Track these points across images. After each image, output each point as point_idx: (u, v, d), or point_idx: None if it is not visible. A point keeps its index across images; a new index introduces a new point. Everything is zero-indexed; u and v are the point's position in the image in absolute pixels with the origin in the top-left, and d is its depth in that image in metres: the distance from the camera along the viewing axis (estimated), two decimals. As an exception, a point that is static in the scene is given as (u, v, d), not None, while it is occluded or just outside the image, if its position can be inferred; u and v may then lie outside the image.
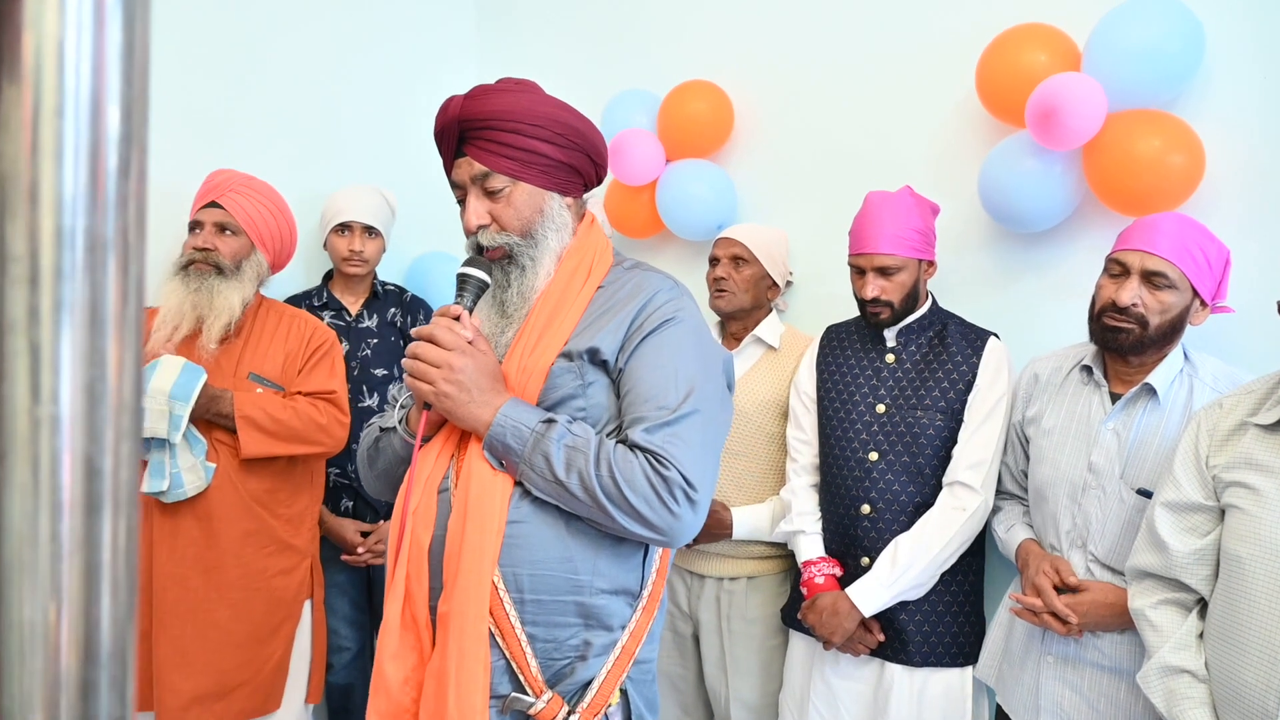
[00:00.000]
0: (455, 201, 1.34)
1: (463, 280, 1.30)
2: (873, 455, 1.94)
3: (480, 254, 1.32)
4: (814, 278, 2.43)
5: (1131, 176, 1.78)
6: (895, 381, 1.96)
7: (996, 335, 1.96)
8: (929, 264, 1.97)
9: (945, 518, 1.85)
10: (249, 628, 2.03)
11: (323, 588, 2.26)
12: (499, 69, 2.24)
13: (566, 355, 1.27)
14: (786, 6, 2.50)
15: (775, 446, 2.19)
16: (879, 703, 1.92)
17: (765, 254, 2.21)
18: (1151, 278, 1.59)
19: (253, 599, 2.04)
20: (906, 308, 1.95)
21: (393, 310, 2.60)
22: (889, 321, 1.95)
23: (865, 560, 1.92)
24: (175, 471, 1.93)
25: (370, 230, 2.51)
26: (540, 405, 1.27)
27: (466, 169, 1.29)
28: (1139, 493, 1.61)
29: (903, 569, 1.83)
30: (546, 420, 1.22)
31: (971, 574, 1.95)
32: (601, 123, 2.66)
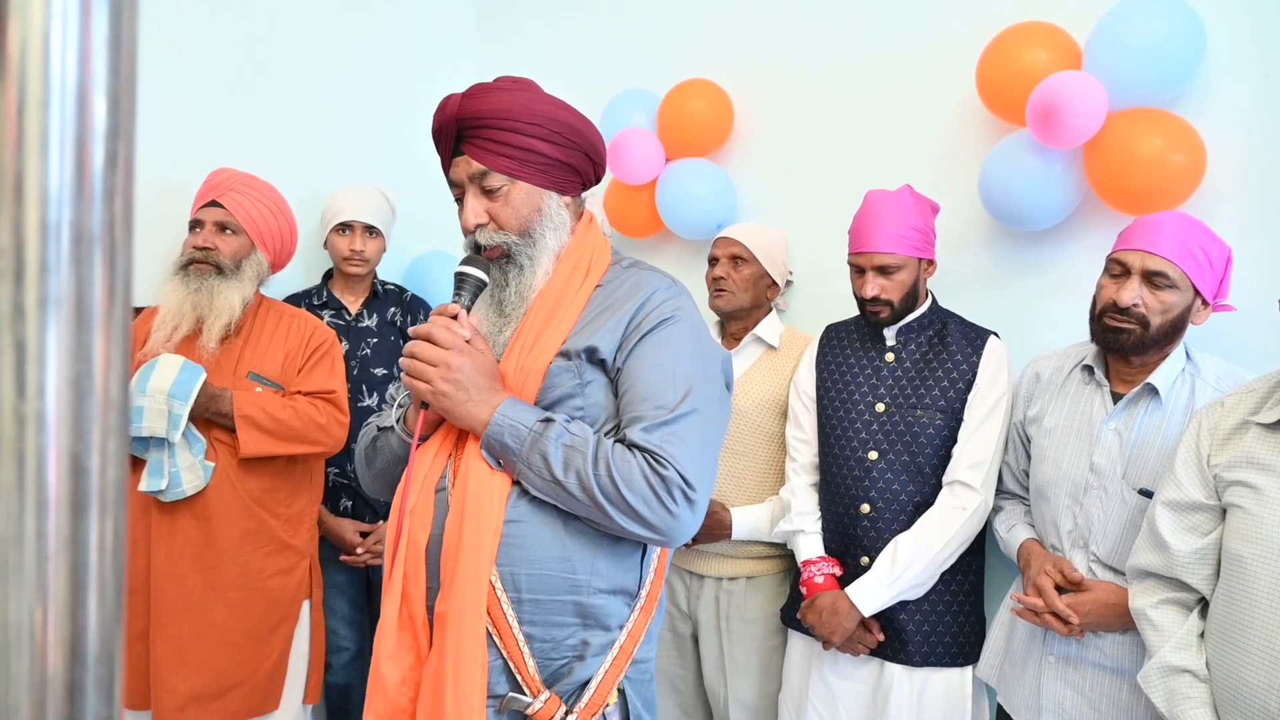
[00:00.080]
0: (454, 200, 1.34)
1: (460, 279, 1.30)
2: (872, 454, 1.93)
3: (478, 253, 1.32)
4: (814, 277, 2.43)
5: (1132, 175, 1.78)
6: (895, 381, 1.96)
7: (996, 334, 1.95)
8: (929, 263, 1.96)
9: (945, 517, 1.84)
10: (247, 627, 2.02)
11: (321, 588, 2.25)
12: (499, 69, 2.23)
13: (564, 354, 1.26)
14: (786, 6, 2.50)
15: (775, 446, 2.18)
16: (878, 703, 1.92)
17: (764, 253, 2.21)
18: (1152, 278, 1.59)
19: (251, 598, 2.03)
20: (906, 307, 1.94)
21: (392, 310, 2.60)
22: (889, 320, 1.95)
23: (865, 560, 1.91)
24: (174, 470, 1.93)
25: (371, 230, 2.51)
26: (538, 404, 1.26)
27: (464, 167, 1.29)
28: (1141, 493, 1.61)
29: (902, 568, 1.83)
30: (544, 419, 1.22)
31: (971, 574, 1.95)
32: (601, 122, 2.65)
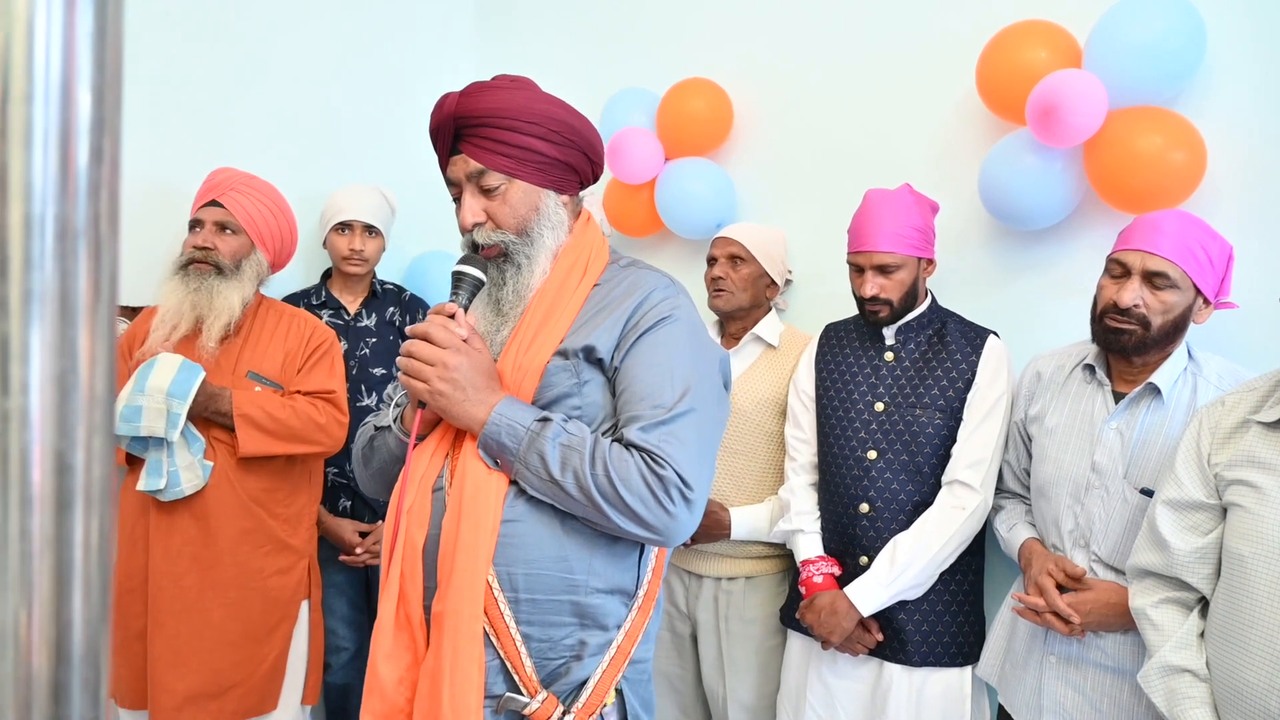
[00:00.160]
0: (451, 199, 1.34)
1: (458, 278, 1.30)
2: (871, 454, 1.93)
3: (476, 252, 1.31)
4: (814, 277, 2.42)
5: (1132, 174, 1.77)
6: (894, 380, 1.95)
7: (996, 334, 1.95)
8: (928, 262, 1.96)
9: (944, 517, 1.84)
10: (244, 627, 2.02)
11: (320, 588, 2.25)
12: (498, 68, 2.22)
13: (562, 353, 1.26)
14: (786, 6, 2.49)
15: (774, 445, 2.18)
16: (877, 703, 1.91)
17: (763, 253, 2.21)
18: (1153, 278, 1.58)
19: (249, 598, 2.03)
20: (905, 306, 1.94)
21: (391, 309, 2.59)
22: (888, 320, 1.95)
23: (864, 559, 1.91)
24: (173, 470, 1.93)
25: (370, 229, 2.51)
26: (535, 404, 1.26)
27: (462, 166, 1.29)
28: (1142, 492, 1.60)
29: (901, 568, 1.83)
30: (542, 419, 1.22)
31: (971, 573, 1.95)
32: (600, 121, 2.65)
